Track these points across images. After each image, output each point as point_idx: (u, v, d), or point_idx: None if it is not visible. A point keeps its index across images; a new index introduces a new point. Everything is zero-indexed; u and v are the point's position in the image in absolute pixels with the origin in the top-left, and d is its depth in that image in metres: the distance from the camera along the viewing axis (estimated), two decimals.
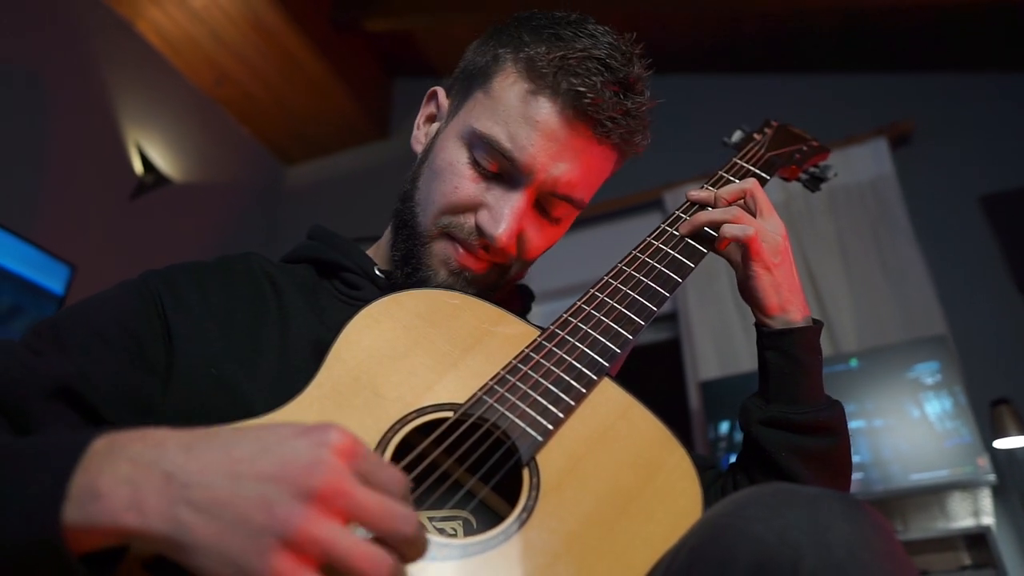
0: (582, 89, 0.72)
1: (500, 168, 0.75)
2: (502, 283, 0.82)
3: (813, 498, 0.47)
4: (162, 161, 3.03)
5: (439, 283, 0.77)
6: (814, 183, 1.03)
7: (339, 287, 0.79)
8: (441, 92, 0.85)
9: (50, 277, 2.07)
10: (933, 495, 2.08)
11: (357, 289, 0.78)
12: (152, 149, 3.00)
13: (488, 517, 0.62)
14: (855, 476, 2.05)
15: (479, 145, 0.75)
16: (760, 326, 0.81)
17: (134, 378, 0.63)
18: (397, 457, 0.58)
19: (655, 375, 3.08)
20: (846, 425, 0.80)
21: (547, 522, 0.55)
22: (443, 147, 0.79)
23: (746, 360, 2.41)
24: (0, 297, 1.92)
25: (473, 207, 0.76)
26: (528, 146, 0.73)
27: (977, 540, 1.91)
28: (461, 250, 0.77)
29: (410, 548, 0.43)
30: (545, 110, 0.73)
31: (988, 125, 2.54)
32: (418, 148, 0.85)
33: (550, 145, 0.74)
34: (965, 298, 2.35)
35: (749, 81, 2.93)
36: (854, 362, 2.17)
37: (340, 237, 0.84)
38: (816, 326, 0.80)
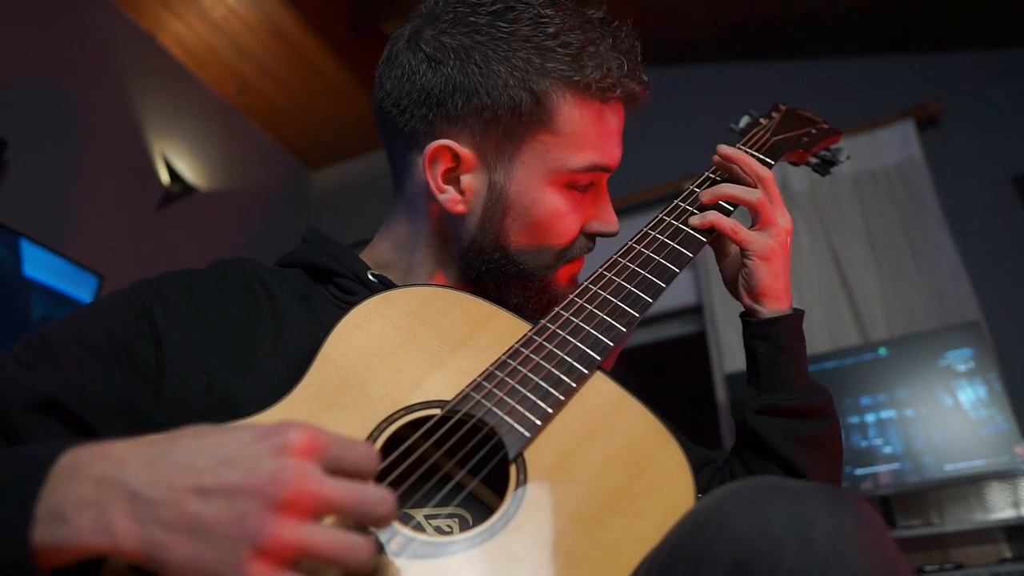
0: (633, 87, 0.78)
1: (593, 180, 0.80)
2: None
3: (796, 492, 0.46)
4: (188, 170, 3.08)
5: (566, 295, 0.74)
6: (824, 167, 1.00)
7: (333, 292, 0.79)
8: (453, 144, 0.76)
9: (79, 287, 2.12)
10: (969, 486, 2.03)
11: (351, 294, 0.78)
12: (178, 159, 3.06)
13: (485, 514, 0.61)
14: (888, 468, 2.00)
15: (580, 179, 0.78)
16: (747, 316, 0.83)
17: (124, 387, 0.64)
18: (385, 454, 0.58)
19: (682, 369, 3.05)
20: (835, 408, 0.82)
21: (532, 519, 0.54)
22: (533, 197, 0.77)
23: None
24: (32, 308, 1.97)
25: (584, 225, 0.81)
26: (615, 153, 0.80)
27: (1017, 532, 1.86)
28: (578, 261, 0.83)
29: (386, 524, 0.44)
30: (613, 119, 0.80)
31: (1020, 103, 2.46)
32: (460, 208, 0.77)
33: (619, 140, 0.81)
34: (998, 282, 2.28)
35: (768, 68, 2.88)
36: (883, 351, 2.12)
37: (334, 242, 0.83)
38: (799, 313, 0.82)
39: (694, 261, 0.82)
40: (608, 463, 0.59)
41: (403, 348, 0.65)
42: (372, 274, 0.79)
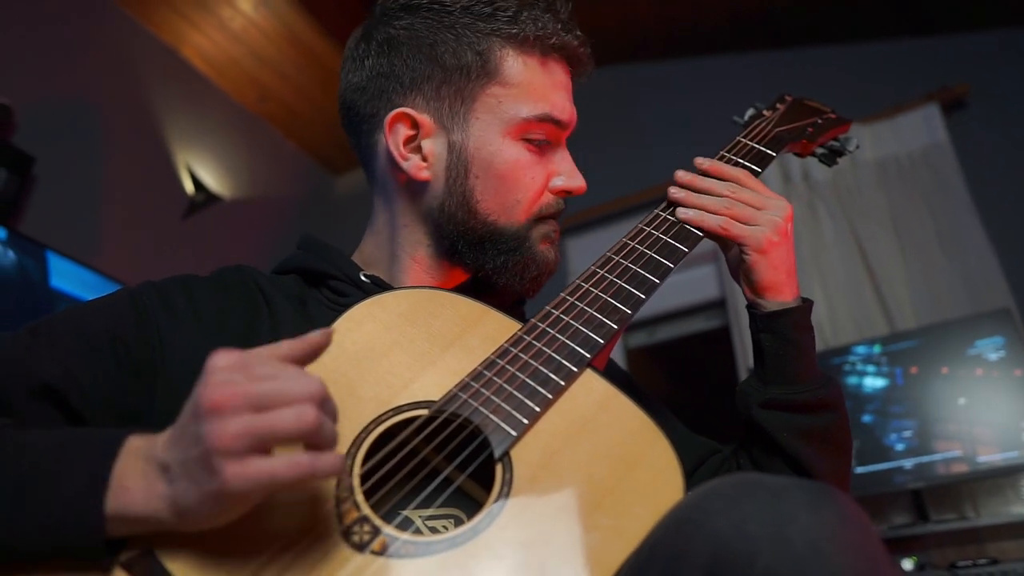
0: (569, 38, 0.82)
1: (549, 135, 0.82)
2: None
3: (775, 489, 0.45)
4: (212, 180, 3.13)
5: (551, 261, 0.83)
6: (831, 157, 0.98)
7: (328, 295, 0.80)
8: (412, 112, 0.80)
9: None
10: (1005, 478, 1.97)
11: (344, 296, 0.79)
12: (202, 169, 3.11)
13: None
14: (919, 460, 1.95)
15: (535, 128, 0.80)
16: (752, 308, 0.81)
17: (120, 382, 0.65)
18: (372, 455, 0.58)
19: (707, 363, 3.01)
20: (843, 400, 0.81)
21: (516, 519, 0.54)
22: (492, 151, 0.79)
23: None
24: None
25: (549, 181, 0.83)
26: (565, 106, 0.82)
27: None
28: (551, 221, 0.84)
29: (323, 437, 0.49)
30: (558, 69, 0.83)
31: None
32: (425, 175, 0.80)
33: (568, 95, 0.84)
34: None
35: (786, 56, 2.82)
36: (912, 341, 2.07)
37: (327, 246, 0.85)
38: (806, 304, 0.80)
39: (707, 257, 0.80)
40: (595, 461, 0.58)
41: (393, 350, 0.66)
42: (364, 275, 0.81)
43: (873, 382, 2.07)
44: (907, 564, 1.80)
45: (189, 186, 3.02)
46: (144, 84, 2.94)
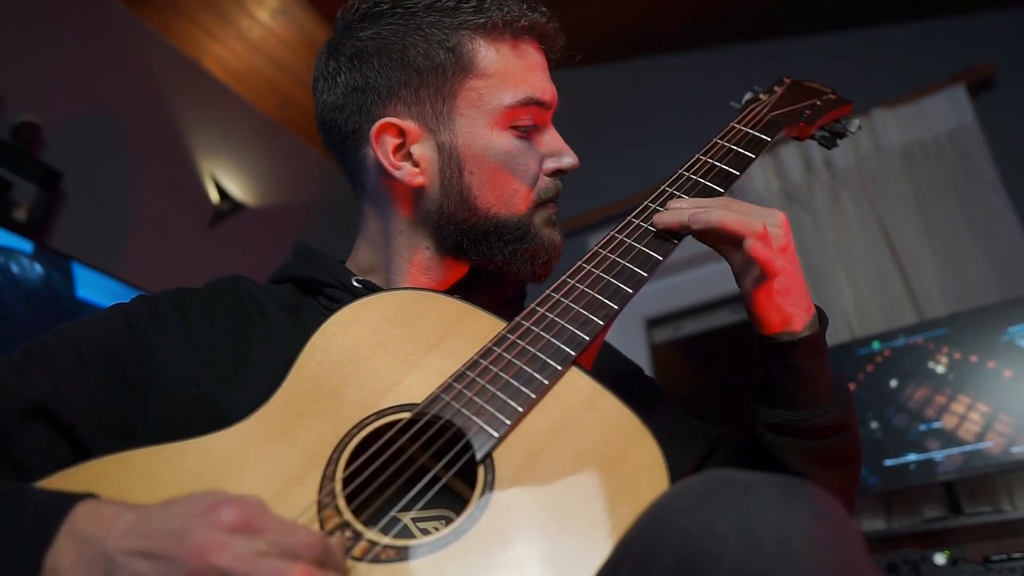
0: (535, 16, 0.81)
1: (535, 118, 0.81)
2: None
3: (746, 486, 0.44)
4: (236, 188, 3.18)
5: (557, 245, 0.84)
6: (830, 140, 0.95)
7: (323, 302, 0.81)
8: (396, 120, 0.79)
9: None
10: None
11: (338, 302, 0.79)
12: (226, 178, 3.16)
13: None
14: (951, 452, 1.90)
15: (521, 114, 0.80)
16: (761, 337, 0.74)
17: (113, 399, 0.66)
18: (356, 457, 0.59)
19: (734, 356, 2.97)
20: (854, 415, 0.76)
21: (496, 522, 0.54)
22: (482, 144, 0.79)
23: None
24: None
25: (542, 165, 0.82)
26: (545, 86, 0.82)
27: None
28: (551, 204, 0.84)
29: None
30: (531, 51, 0.83)
31: None
32: (419, 180, 0.80)
33: (546, 75, 0.84)
34: None
35: (805, 43, 2.77)
36: (941, 330, 2.01)
37: (321, 253, 0.85)
38: (819, 331, 0.73)
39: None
40: (578, 460, 0.58)
41: (378, 352, 0.66)
42: (356, 280, 0.81)
43: (902, 373, 2.02)
44: (939, 559, 1.75)
45: (214, 195, 3.07)
46: (167, 96, 2.99)
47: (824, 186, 2.48)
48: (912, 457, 1.95)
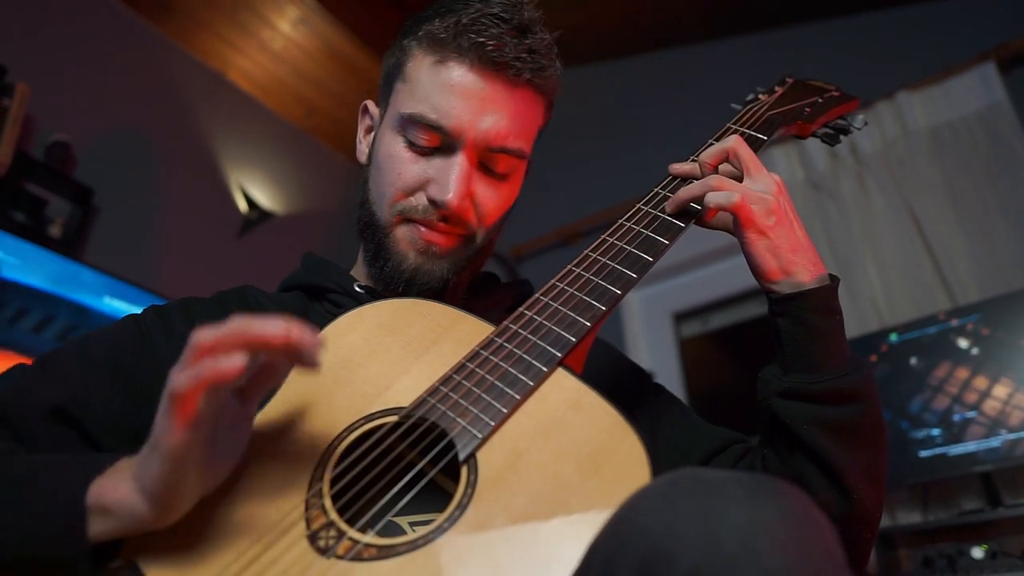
0: (482, 40, 0.77)
1: (436, 142, 0.80)
2: (473, 253, 0.85)
3: (711, 484, 0.43)
4: (264, 197, 3.25)
5: (411, 265, 0.82)
6: (833, 136, 0.94)
7: (328, 308, 0.84)
8: (371, 103, 0.91)
9: None
10: None
11: (341, 307, 0.82)
12: (254, 187, 3.23)
13: None
14: (989, 443, 1.85)
15: (410, 127, 0.80)
16: (768, 292, 0.75)
17: (125, 407, 0.69)
18: (345, 459, 0.60)
19: (767, 349, 2.92)
20: (874, 388, 0.73)
21: (476, 522, 0.54)
22: (380, 143, 0.84)
23: (850, 328, 2.24)
24: None
25: (421, 185, 0.81)
26: (451, 111, 0.78)
27: None
28: (422, 228, 0.81)
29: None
30: (456, 72, 0.79)
31: None
32: (363, 159, 0.90)
33: (471, 103, 0.78)
34: None
35: (828, 26, 2.71)
36: (974, 316, 1.96)
37: (325, 261, 0.89)
38: (830, 284, 0.73)
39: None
40: (561, 460, 0.58)
41: (370, 359, 0.67)
42: (358, 286, 0.83)
43: (935, 361, 1.97)
44: (977, 552, 1.71)
45: (242, 205, 3.14)
46: (193, 109, 3.07)
47: (850, 173, 2.44)
48: (948, 448, 1.90)
